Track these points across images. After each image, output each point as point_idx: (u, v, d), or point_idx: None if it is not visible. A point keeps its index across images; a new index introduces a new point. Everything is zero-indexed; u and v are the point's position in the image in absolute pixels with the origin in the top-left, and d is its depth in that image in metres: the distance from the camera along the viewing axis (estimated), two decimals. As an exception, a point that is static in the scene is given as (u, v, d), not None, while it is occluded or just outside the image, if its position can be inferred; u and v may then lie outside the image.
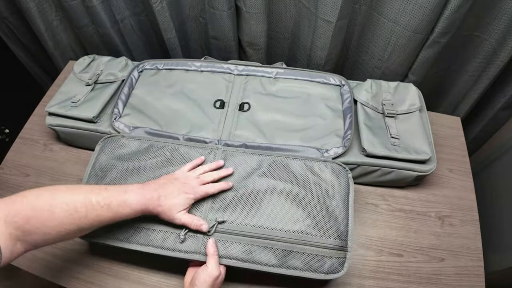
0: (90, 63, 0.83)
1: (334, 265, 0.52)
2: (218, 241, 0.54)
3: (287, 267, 0.53)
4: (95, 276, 0.62)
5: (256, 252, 0.53)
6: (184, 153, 0.63)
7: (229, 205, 0.56)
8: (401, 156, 0.64)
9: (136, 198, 0.48)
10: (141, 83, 0.78)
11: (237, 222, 0.55)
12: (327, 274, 0.52)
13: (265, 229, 0.54)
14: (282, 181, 0.59)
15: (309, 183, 0.58)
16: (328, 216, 0.55)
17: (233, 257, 0.53)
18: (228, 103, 0.73)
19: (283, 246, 0.53)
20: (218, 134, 0.68)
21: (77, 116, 0.72)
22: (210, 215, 0.55)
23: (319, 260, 0.52)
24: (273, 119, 0.70)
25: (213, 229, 0.54)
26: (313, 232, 0.53)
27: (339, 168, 0.60)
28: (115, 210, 0.46)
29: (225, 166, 0.61)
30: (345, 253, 0.53)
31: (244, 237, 0.54)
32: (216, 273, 0.49)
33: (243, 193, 0.58)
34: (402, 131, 0.68)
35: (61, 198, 0.44)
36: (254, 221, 0.54)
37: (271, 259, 0.53)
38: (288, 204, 0.56)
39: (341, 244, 0.53)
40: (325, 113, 0.71)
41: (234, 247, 0.53)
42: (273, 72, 0.77)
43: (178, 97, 0.74)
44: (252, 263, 0.53)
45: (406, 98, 0.72)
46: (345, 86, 0.74)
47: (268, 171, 0.60)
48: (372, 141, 0.66)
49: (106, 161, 0.62)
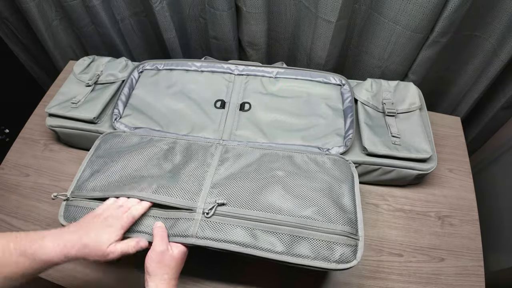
0: (90, 64, 0.83)
1: (345, 253, 0.48)
2: (218, 224, 0.50)
3: (295, 255, 0.48)
4: (95, 276, 0.62)
5: (260, 237, 0.49)
6: (185, 145, 0.63)
7: (231, 190, 0.54)
8: (401, 154, 0.64)
9: (52, 243, 0.43)
10: (141, 83, 0.78)
11: (239, 206, 0.52)
12: (339, 263, 0.48)
13: (269, 213, 0.51)
14: (286, 170, 0.58)
15: (312, 172, 0.58)
16: (334, 203, 0.52)
17: (235, 242, 0.49)
18: (228, 103, 0.73)
19: (289, 230, 0.49)
20: (219, 134, 0.68)
21: (78, 117, 0.72)
22: (209, 198, 0.53)
23: (329, 247, 0.48)
24: (274, 119, 0.70)
25: (211, 211, 0.51)
26: (320, 217, 0.50)
27: (341, 160, 0.60)
28: (32, 258, 0.41)
29: (227, 158, 0.59)
30: (356, 241, 0.50)
31: (246, 220, 0.50)
32: (161, 248, 0.47)
33: (246, 179, 0.55)
34: (403, 130, 0.68)
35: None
36: (257, 205, 0.52)
37: (277, 245, 0.49)
38: (292, 191, 0.54)
39: (351, 230, 0.50)
40: (325, 113, 0.71)
41: (236, 231, 0.50)
42: (273, 71, 0.77)
43: (179, 97, 0.74)
44: (256, 249, 0.49)
45: (406, 97, 0.72)
46: (345, 86, 0.75)
47: (271, 161, 0.60)
48: (373, 140, 0.66)
49: (104, 151, 0.62)
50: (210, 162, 0.59)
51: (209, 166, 0.58)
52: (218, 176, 0.57)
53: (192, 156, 0.61)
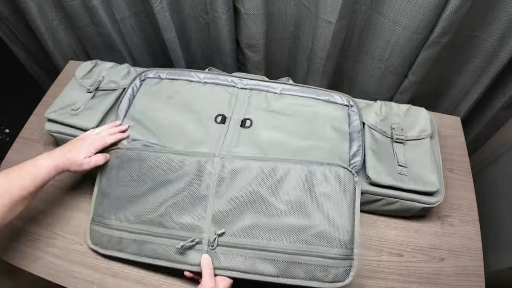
0: (92, 69, 0.82)
1: (339, 274, 0.52)
2: (221, 253, 0.55)
3: (290, 277, 0.53)
4: (95, 276, 0.62)
5: (258, 264, 0.54)
6: (179, 160, 0.62)
7: (229, 217, 0.57)
8: (407, 186, 0.61)
9: (44, 160, 0.57)
10: (142, 93, 0.76)
11: (237, 235, 0.55)
12: (332, 283, 0.52)
13: (266, 241, 0.54)
14: (284, 190, 0.57)
15: (312, 191, 0.56)
16: (332, 224, 0.53)
17: (236, 269, 0.54)
18: (229, 118, 0.69)
19: (285, 258, 0.53)
20: (216, 152, 0.63)
21: (77, 125, 0.71)
22: (211, 228, 0.57)
23: (323, 270, 0.52)
24: (275, 138, 0.66)
25: (215, 242, 0.55)
26: (316, 241, 0.53)
27: (344, 172, 0.57)
28: (33, 174, 0.55)
29: (224, 172, 0.59)
30: (351, 262, 0.52)
31: (246, 250, 0.54)
32: (210, 285, 0.52)
33: (243, 203, 0.57)
34: (410, 159, 0.65)
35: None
36: (254, 234, 0.55)
37: (273, 270, 0.53)
38: (289, 213, 0.55)
39: (346, 253, 0.52)
40: (330, 135, 0.66)
41: (237, 260, 0.54)
42: (278, 87, 0.73)
43: (179, 109, 0.72)
44: (255, 274, 0.54)
45: (417, 123, 0.69)
46: (353, 107, 0.70)
47: (269, 179, 0.58)
48: (377, 169, 0.63)
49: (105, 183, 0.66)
50: (209, 184, 0.59)
51: (208, 189, 0.59)
52: (218, 203, 0.58)
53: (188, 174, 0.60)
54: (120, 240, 0.61)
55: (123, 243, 0.61)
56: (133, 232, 0.60)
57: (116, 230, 0.61)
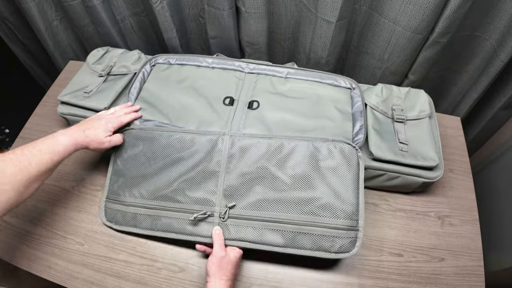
0: (103, 55, 0.84)
1: (344, 244, 0.54)
2: (231, 225, 0.58)
3: (297, 247, 0.55)
4: (95, 276, 0.63)
5: (266, 234, 0.57)
6: (190, 139, 0.65)
7: (239, 191, 0.60)
8: (408, 161, 0.64)
9: (65, 137, 0.57)
10: (153, 77, 0.78)
11: (247, 208, 0.58)
12: (338, 253, 0.54)
13: (274, 212, 0.57)
14: (290, 165, 0.60)
15: (317, 165, 0.59)
16: (337, 196, 0.56)
17: (245, 240, 0.57)
18: (237, 100, 0.72)
19: (292, 228, 0.56)
20: (226, 131, 0.67)
21: (89, 106, 0.73)
22: (222, 201, 0.60)
23: (329, 240, 0.54)
24: (281, 118, 0.69)
25: (226, 215, 0.58)
26: (322, 213, 0.55)
27: (348, 147, 0.60)
28: (51, 150, 0.54)
29: (233, 149, 0.62)
30: (356, 232, 0.55)
31: (255, 221, 0.58)
32: (221, 254, 0.55)
33: (252, 178, 0.60)
34: (411, 137, 0.68)
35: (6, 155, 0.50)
36: (263, 206, 0.58)
37: (281, 240, 0.56)
38: (296, 187, 0.58)
39: (351, 224, 0.55)
40: (334, 115, 0.69)
41: (246, 231, 0.58)
42: (284, 72, 0.76)
43: (189, 92, 0.74)
44: (263, 245, 0.57)
45: (416, 104, 0.72)
46: (355, 90, 0.73)
47: (276, 155, 0.61)
48: (379, 145, 0.65)
49: (120, 162, 0.68)
50: (220, 160, 0.62)
51: (219, 165, 0.62)
52: (229, 178, 0.61)
53: (200, 151, 0.64)
54: (134, 216, 0.64)
55: (137, 218, 0.64)
56: (147, 207, 0.63)
57: (130, 206, 0.65)
